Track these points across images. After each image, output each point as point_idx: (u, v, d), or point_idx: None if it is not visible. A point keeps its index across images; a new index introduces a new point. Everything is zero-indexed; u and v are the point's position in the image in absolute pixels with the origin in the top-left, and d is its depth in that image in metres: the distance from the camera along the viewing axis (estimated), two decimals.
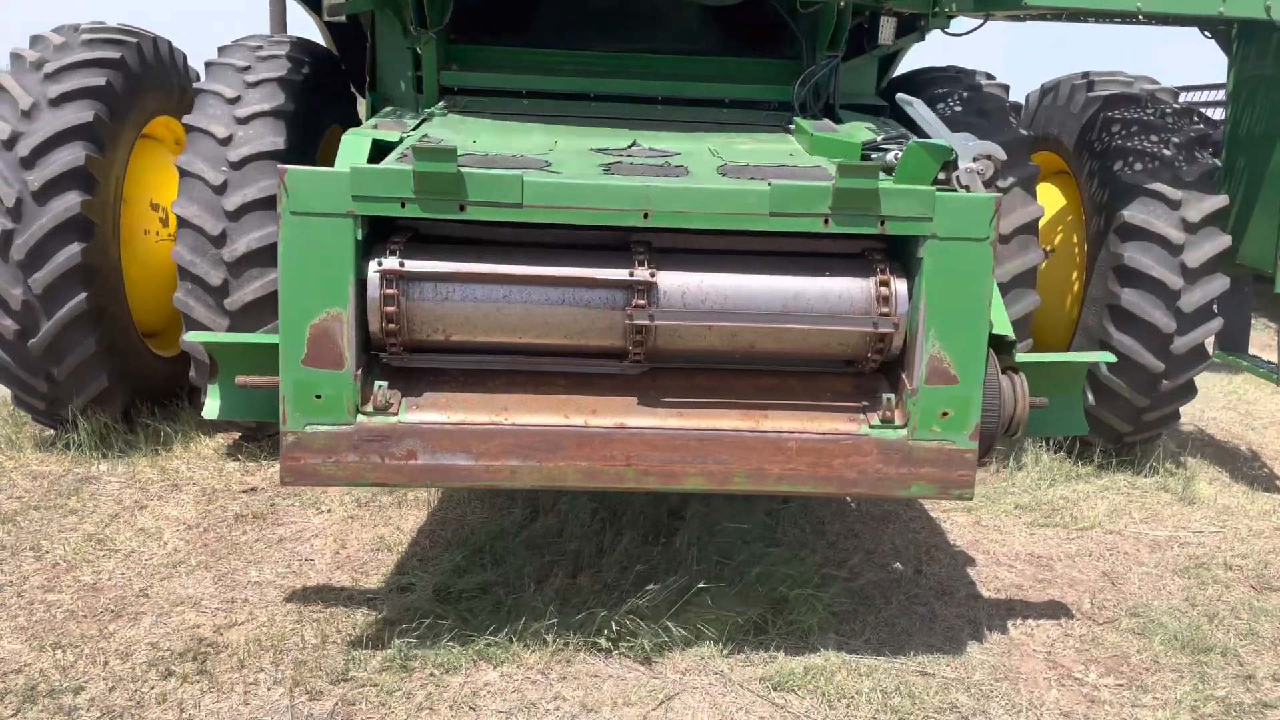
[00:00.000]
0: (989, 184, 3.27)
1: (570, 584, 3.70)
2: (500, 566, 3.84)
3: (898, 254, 3.07)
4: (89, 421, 4.92)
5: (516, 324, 2.96)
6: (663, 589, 3.56)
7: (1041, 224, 5.72)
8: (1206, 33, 5.10)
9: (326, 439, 2.86)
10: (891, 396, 3.05)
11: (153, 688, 3.07)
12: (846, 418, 3.04)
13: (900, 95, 3.90)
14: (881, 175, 3.46)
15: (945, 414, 2.95)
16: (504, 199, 2.79)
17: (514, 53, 4.80)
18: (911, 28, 4.84)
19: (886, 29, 4.55)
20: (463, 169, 2.77)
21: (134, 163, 5.19)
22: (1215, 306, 4.97)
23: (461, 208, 2.80)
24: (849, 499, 4.69)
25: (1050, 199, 5.75)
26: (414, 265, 2.88)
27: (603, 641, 3.33)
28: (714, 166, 3.44)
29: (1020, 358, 3.27)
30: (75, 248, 4.60)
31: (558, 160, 3.36)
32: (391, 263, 2.87)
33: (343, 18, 4.44)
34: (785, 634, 3.47)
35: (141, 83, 5.13)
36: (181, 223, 4.55)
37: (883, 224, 2.88)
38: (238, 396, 3.13)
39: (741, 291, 2.98)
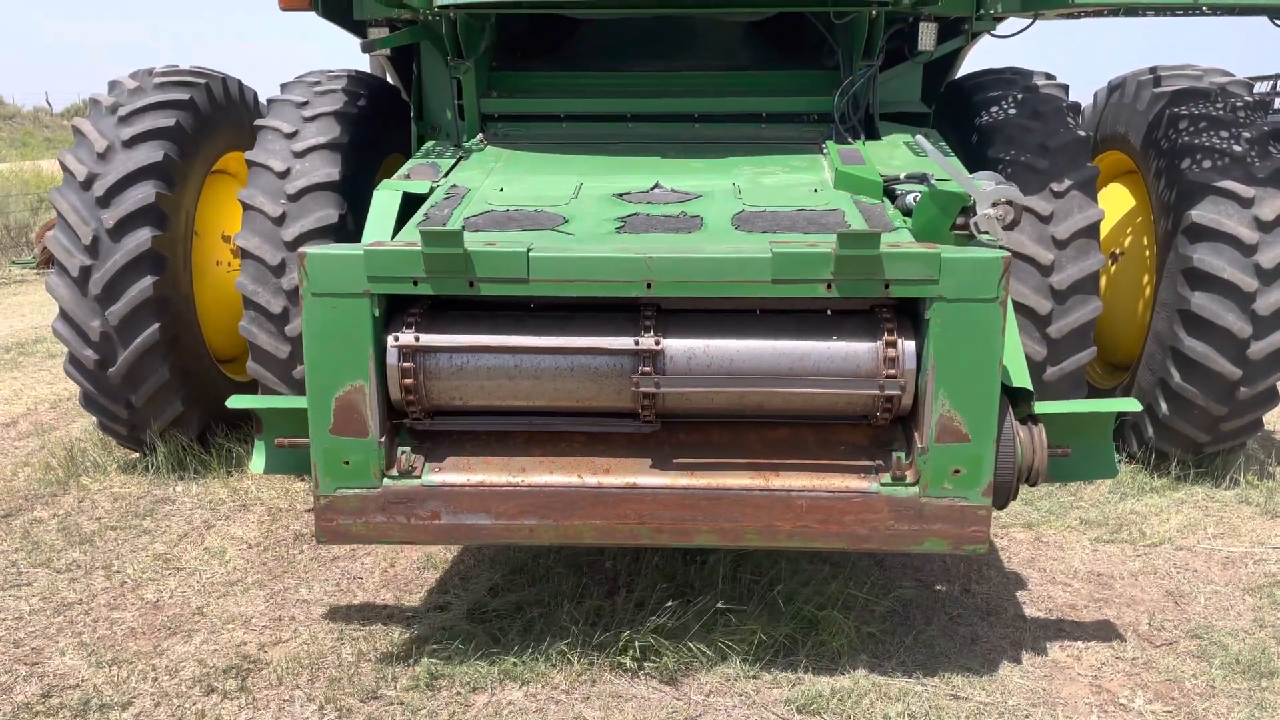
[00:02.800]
0: (1009, 228, 3.21)
1: (604, 604, 3.72)
2: (537, 585, 3.89)
3: (907, 310, 3.04)
4: (166, 444, 5.18)
5: (529, 391, 3.10)
6: (690, 608, 3.56)
7: (1110, 226, 5.54)
8: (1277, 21, 4.83)
9: (356, 502, 3.07)
10: (902, 454, 3.05)
11: (195, 704, 3.21)
12: (858, 475, 3.05)
13: (914, 139, 3.82)
14: (897, 222, 3.43)
15: (957, 471, 2.93)
16: (511, 274, 2.91)
17: (552, 78, 4.88)
18: (956, 31, 4.73)
19: (927, 35, 4.47)
20: (470, 250, 2.89)
21: (205, 198, 5.45)
22: None
23: (471, 284, 2.94)
24: None
25: (1119, 200, 5.53)
26: (429, 339, 3.04)
27: (628, 662, 3.35)
28: (730, 214, 3.50)
29: (1041, 407, 3.20)
30: (148, 281, 4.85)
31: (575, 214, 3.51)
32: (408, 338, 3.02)
33: (387, 52, 4.59)
34: (815, 655, 3.42)
35: (211, 122, 5.38)
36: (244, 254, 4.76)
37: (887, 288, 2.85)
38: (281, 454, 3.34)
39: (747, 354, 3.01)
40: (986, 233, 3.19)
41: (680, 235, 3.24)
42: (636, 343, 2.97)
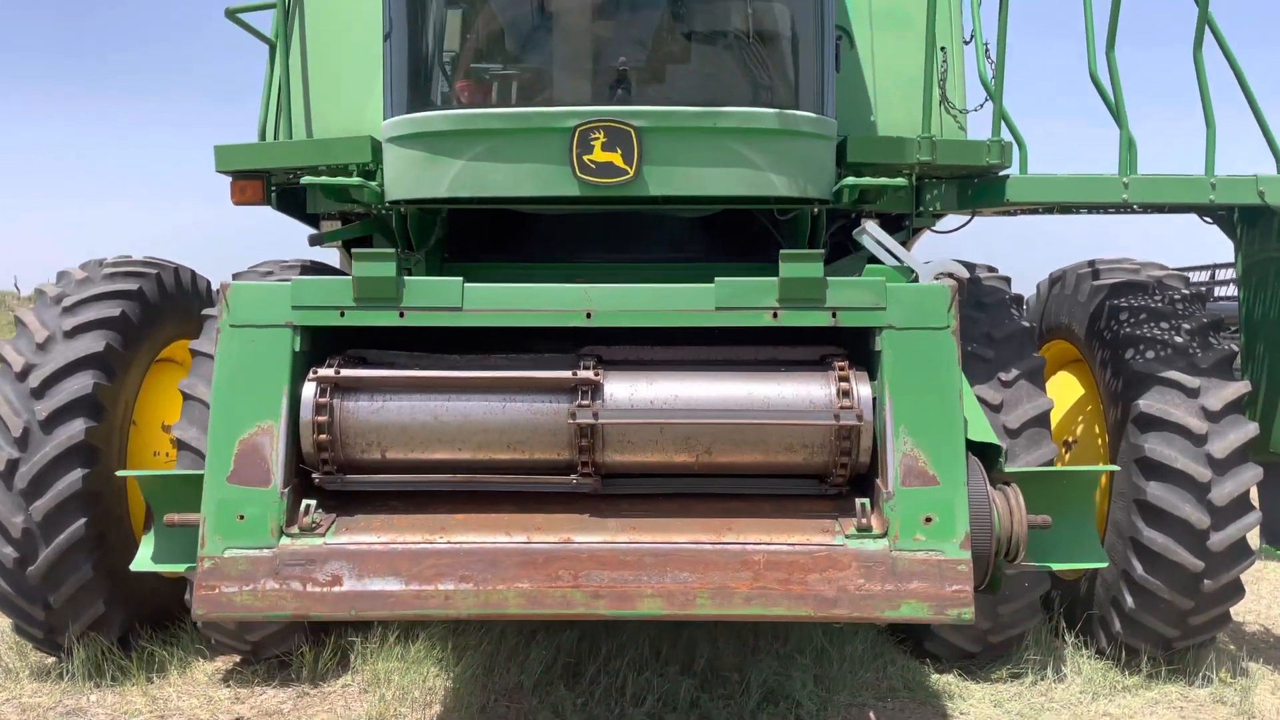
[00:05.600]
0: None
1: None
2: None
3: (862, 361, 2.96)
4: (85, 648, 4.85)
5: (455, 434, 2.82)
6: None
7: (1061, 414, 5.55)
8: (1207, 218, 5.02)
9: (245, 564, 2.68)
10: (866, 502, 2.82)
11: None
12: (820, 528, 2.81)
13: (857, 228, 3.88)
14: None
15: (929, 520, 2.71)
16: (443, 304, 2.75)
17: (503, 269, 4.92)
18: (897, 227, 4.85)
19: (873, 232, 4.56)
20: (402, 278, 2.76)
21: (148, 386, 5.34)
22: (1255, 498, 4.67)
23: (401, 314, 2.76)
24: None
25: (1068, 389, 5.57)
26: (350, 372, 2.82)
27: None
28: None
29: (1015, 470, 3.06)
30: (77, 474, 4.66)
31: None
32: (327, 371, 2.81)
33: (336, 245, 4.61)
34: None
35: (159, 311, 5.33)
36: (180, 445, 4.60)
37: (835, 316, 2.79)
38: (171, 541, 2.95)
39: (694, 392, 2.87)
40: None
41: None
42: (574, 374, 2.80)
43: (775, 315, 2.82)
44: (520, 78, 4.02)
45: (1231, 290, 12.04)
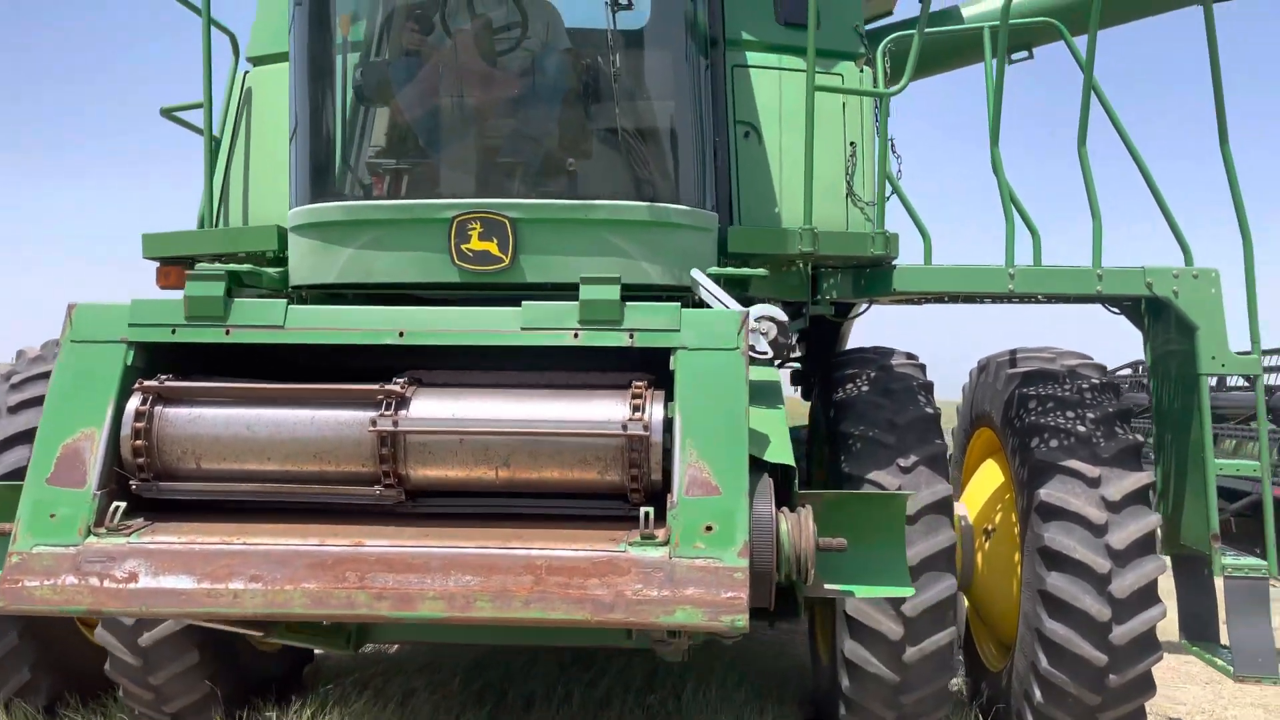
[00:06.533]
0: (774, 343, 3.43)
1: None
2: None
3: (662, 386, 3.11)
4: (10, 717, 5.01)
5: (266, 445, 2.98)
6: None
7: (983, 503, 5.54)
8: (1113, 309, 5.04)
9: (50, 560, 2.80)
10: (651, 511, 2.92)
11: None
12: (608, 537, 2.91)
13: (691, 273, 4.02)
14: None
15: (709, 528, 2.80)
16: (267, 322, 2.98)
17: None
18: (795, 314, 4.96)
19: None
20: (229, 298, 3.02)
21: None
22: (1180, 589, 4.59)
23: (227, 332, 2.99)
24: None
25: (991, 477, 5.56)
26: (174, 383, 3.02)
27: None
28: None
29: (813, 491, 3.20)
30: None
31: None
32: (152, 382, 3.01)
33: None
34: None
35: None
36: None
37: (632, 337, 3.01)
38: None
39: (497, 408, 3.04)
40: (753, 347, 3.34)
41: None
42: (381, 386, 2.99)
43: (576, 335, 3.02)
44: (407, 172, 4.26)
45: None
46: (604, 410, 3.03)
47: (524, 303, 3.08)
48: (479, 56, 4.11)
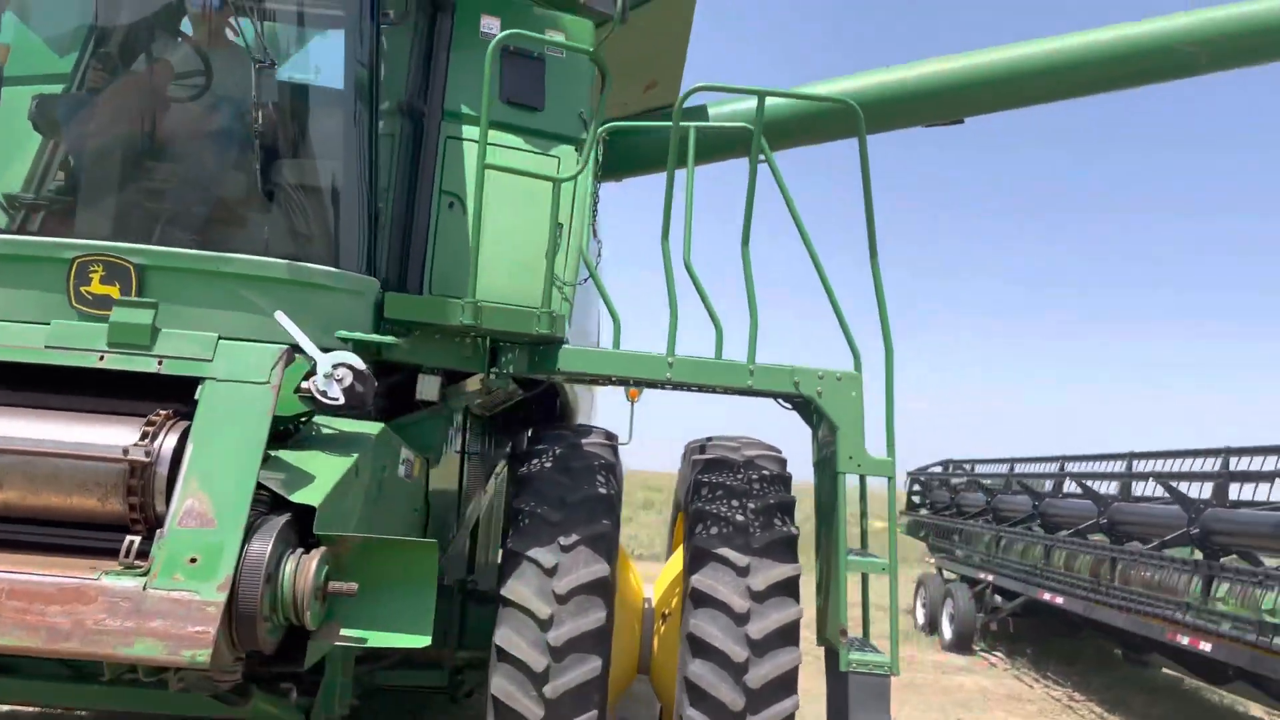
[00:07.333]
0: (348, 390, 3.41)
1: None
2: None
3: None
4: None
5: None
6: None
7: (665, 585, 5.61)
8: (785, 405, 5.21)
9: None
10: (135, 540, 2.82)
11: None
12: (88, 566, 2.78)
13: (275, 315, 4.00)
14: None
15: (193, 560, 2.72)
16: None
17: None
18: (463, 379, 4.99)
19: (427, 386, 4.70)
20: None
21: None
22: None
23: None
24: None
25: (677, 561, 5.62)
26: None
27: None
28: None
29: (349, 536, 3.12)
30: None
31: None
32: None
33: None
34: None
35: None
36: None
37: (161, 363, 2.95)
38: None
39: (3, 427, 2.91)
40: (325, 392, 3.34)
41: None
42: None
43: (102, 358, 2.96)
44: (44, 208, 4.16)
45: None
46: (113, 435, 2.95)
47: (53, 320, 3.02)
48: (127, 100, 4.08)
